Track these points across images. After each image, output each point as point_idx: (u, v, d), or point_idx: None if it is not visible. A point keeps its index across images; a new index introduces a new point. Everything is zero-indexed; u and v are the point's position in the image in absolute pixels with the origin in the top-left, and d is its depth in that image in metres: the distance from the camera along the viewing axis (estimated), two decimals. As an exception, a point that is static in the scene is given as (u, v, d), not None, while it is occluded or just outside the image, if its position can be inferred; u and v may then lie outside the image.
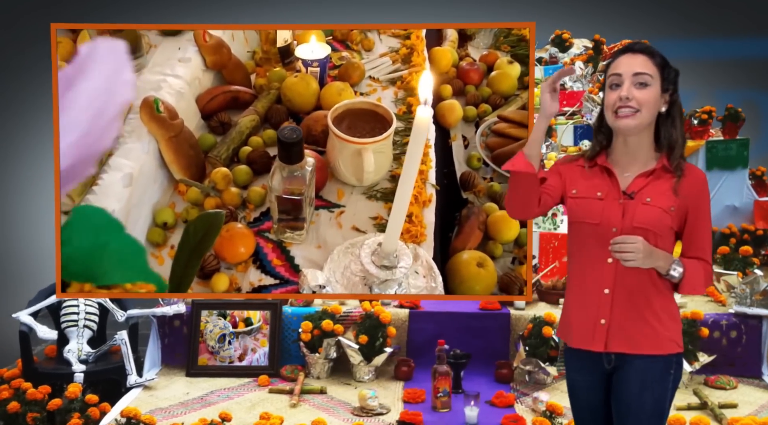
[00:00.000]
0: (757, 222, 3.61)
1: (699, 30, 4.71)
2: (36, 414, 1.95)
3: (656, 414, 1.16)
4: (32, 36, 3.73)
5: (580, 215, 1.18)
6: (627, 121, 1.14)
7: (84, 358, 2.21)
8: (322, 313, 2.32)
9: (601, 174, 1.19)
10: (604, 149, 1.21)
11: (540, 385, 2.20)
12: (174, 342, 2.39)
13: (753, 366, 2.26)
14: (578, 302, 1.20)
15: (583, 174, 1.21)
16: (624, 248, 1.09)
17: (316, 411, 2.02)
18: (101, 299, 2.32)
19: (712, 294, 2.50)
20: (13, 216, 4.00)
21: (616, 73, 1.15)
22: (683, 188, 1.15)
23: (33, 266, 3.41)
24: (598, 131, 1.21)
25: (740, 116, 3.68)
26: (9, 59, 3.98)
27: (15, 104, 3.99)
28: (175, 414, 1.99)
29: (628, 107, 1.13)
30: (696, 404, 2.04)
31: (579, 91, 3.99)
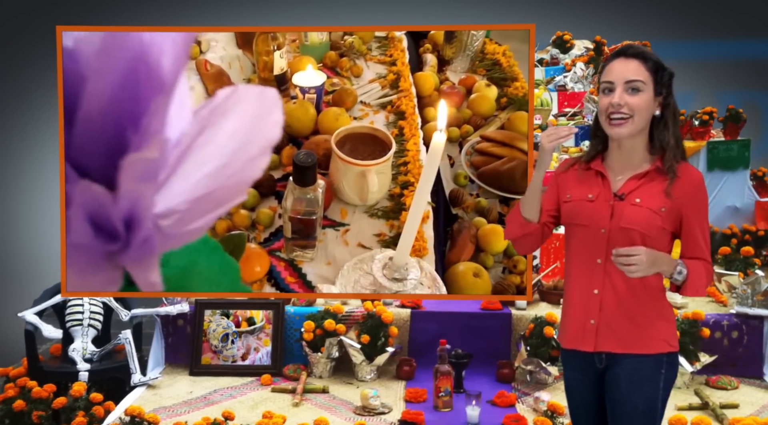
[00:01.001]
0: (759, 223, 3.61)
1: (700, 31, 4.71)
2: (41, 413, 1.96)
3: (648, 414, 1.16)
4: (35, 36, 3.75)
5: (572, 218, 1.20)
6: (619, 129, 1.15)
7: (88, 357, 2.23)
8: (325, 313, 2.33)
9: (594, 178, 1.20)
10: (600, 152, 1.22)
11: (541, 385, 2.21)
12: (177, 341, 2.41)
13: (754, 366, 2.27)
14: (571, 303, 1.21)
15: (576, 179, 1.22)
16: (627, 261, 1.09)
17: (318, 410, 2.03)
18: (105, 299, 2.34)
19: (714, 295, 2.50)
20: (19, 216, 4.02)
21: (608, 79, 1.16)
22: (676, 190, 1.15)
23: (38, 266, 3.43)
24: (595, 135, 1.22)
25: (741, 116, 3.68)
26: (12, 59, 4.00)
27: (21, 105, 4.01)
28: (178, 412, 2.01)
29: (620, 113, 1.14)
30: (697, 404, 2.04)
31: (580, 92, 4.00)
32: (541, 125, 3.57)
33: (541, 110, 3.68)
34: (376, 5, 4.31)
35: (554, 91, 4.03)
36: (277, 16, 4.34)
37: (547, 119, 3.78)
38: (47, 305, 2.30)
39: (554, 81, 4.15)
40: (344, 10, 4.26)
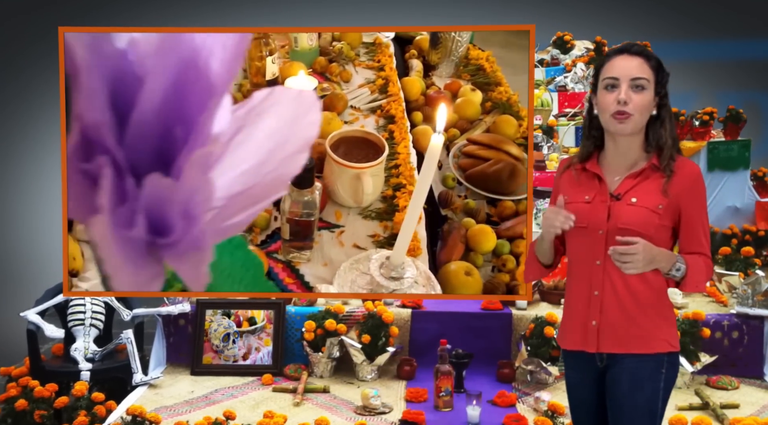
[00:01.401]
0: (759, 223, 3.61)
1: (700, 31, 4.71)
2: (43, 412, 1.97)
3: (649, 413, 1.17)
4: (35, 36, 3.75)
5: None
6: (623, 125, 1.14)
7: (90, 356, 2.23)
8: (326, 313, 2.34)
9: (591, 179, 1.20)
10: (595, 150, 1.21)
11: (542, 385, 2.21)
12: (179, 340, 2.42)
13: (755, 366, 2.27)
14: (571, 304, 1.22)
15: (573, 181, 1.22)
16: (623, 259, 1.10)
17: (319, 409, 2.04)
18: (107, 299, 2.34)
19: (714, 295, 2.50)
20: (19, 216, 4.03)
21: (612, 76, 1.14)
22: (673, 186, 1.15)
23: (40, 266, 3.44)
24: (589, 134, 1.21)
25: (741, 117, 3.68)
26: (12, 59, 4.00)
27: (22, 105, 4.02)
28: (179, 412, 2.01)
29: (624, 111, 1.13)
30: (698, 404, 2.04)
31: (581, 92, 4.00)
32: (542, 125, 3.58)
33: (542, 110, 3.69)
34: (372, 6, 4.31)
35: (555, 92, 4.03)
36: (276, 16, 4.34)
37: (548, 119, 3.78)
38: (49, 304, 2.31)
39: (555, 81, 4.15)
40: (341, 10, 4.27)
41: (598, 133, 1.20)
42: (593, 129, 1.20)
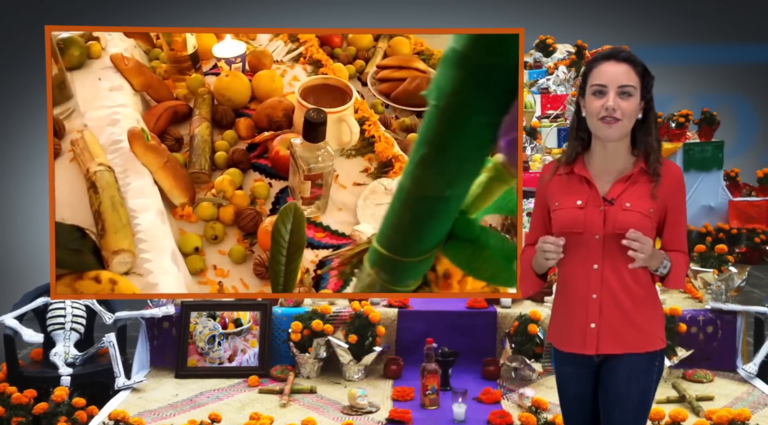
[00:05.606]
0: (732, 221, 3.73)
1: (678, 36, 4.85)
2: (21, 419, 1.92)
3: (642, 406, 1.20)
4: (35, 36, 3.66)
5: (564, 226, 1.21)
6: (610, 131, 1.16)
7: (71, 361, 2.19)
8: (312, 313, 2.33)
9: (579, 183, 1.21)
10: (581, 153, 1.23)
11: (526, 381, 2.25)
12: (163, 343, 2.38)
13: (728, 360, 2.34)
14: (568, 308, 1.23)
15: (562, 185, 1.23)
16: (635, 247, 1.11)
17: (306, 410, 2.03)
18: (88, 302, 2.30)
19: (690, 291, 2.58)
20: (3, 218, 3.92)
21: (600, 82, 1.16)
22: (661, 190, 1.19)
23: (18, 270, 3.35)
24: (576, 136, 1.23)
25: (715, 119, 3.80)
26: (13, 59, 3.89)
27: (8, 105, 3.91)
28: (164, 416, 1.99)
29: (612, 117, 1.15)
30: (675, 397, 2.10)
31: (562, 94, 4.08)
32: (525, 127, 3.63)
33: (525, 112, 3.75)
34: (362, 9, 4.32)
35: (537, 94, 4.10)
36: (274, 16, 4.32)
37: (531, 120, 3.84)
38: (28, 308, 2.25)
39: (537, 84, 4.23)
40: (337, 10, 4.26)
41: (585, 135, 1.22)
42: (581, 130, 1.22)
